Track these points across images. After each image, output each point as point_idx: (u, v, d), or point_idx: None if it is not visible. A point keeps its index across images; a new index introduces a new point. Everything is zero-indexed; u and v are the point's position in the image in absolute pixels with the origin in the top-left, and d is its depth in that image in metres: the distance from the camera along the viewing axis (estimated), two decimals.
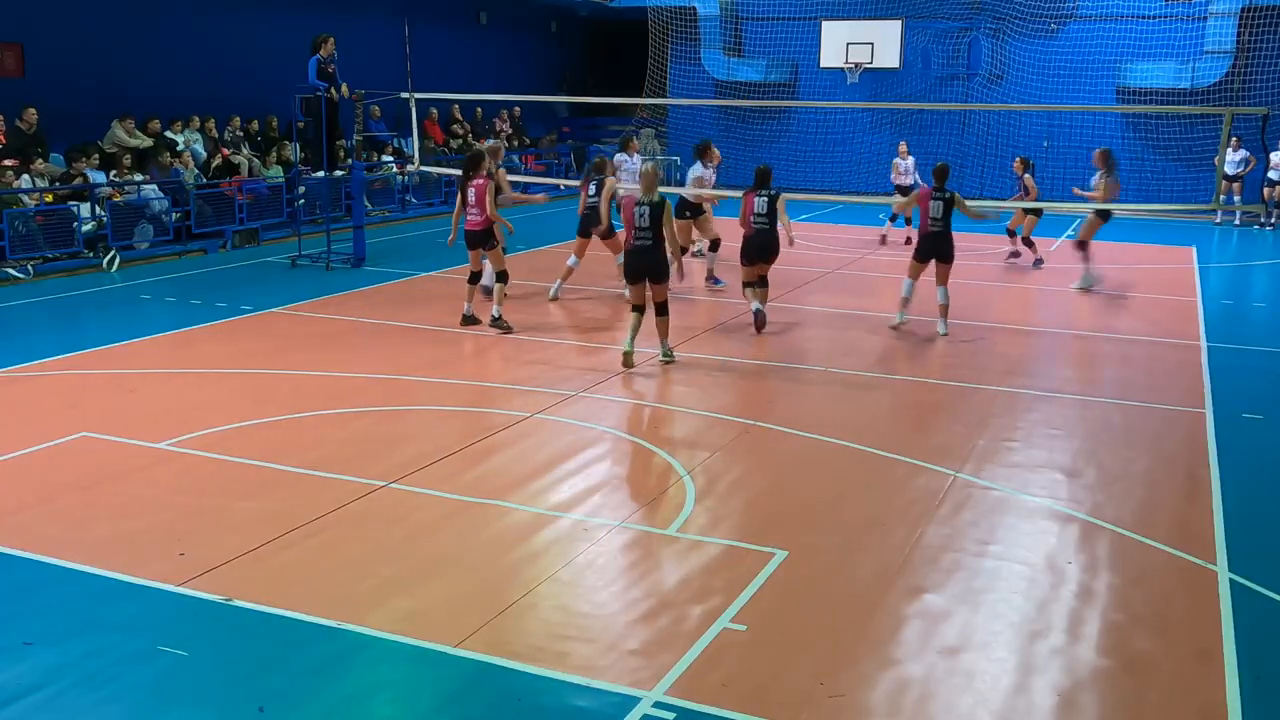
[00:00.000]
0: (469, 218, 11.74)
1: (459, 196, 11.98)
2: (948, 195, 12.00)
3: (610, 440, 8.37)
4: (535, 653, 5.18)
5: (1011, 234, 17.12)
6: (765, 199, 11.88)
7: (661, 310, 10.47)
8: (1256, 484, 7.77)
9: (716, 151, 15.28)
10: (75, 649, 5.15)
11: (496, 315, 11.65)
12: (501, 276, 11.75)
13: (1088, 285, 14.82)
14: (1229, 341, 12.09)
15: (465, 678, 5.00)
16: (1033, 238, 16.76)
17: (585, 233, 13.43)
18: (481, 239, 11.74)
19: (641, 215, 10.24)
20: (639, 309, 10.45)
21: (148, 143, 17.51)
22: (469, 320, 11.87)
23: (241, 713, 4.68)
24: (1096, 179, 15.15)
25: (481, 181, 11.66)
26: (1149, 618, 5.71)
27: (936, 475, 7.72)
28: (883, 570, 6.18)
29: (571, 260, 13.61)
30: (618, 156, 15.80)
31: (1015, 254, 17.28)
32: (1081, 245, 15.03)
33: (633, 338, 10.34)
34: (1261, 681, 5.11)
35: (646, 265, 10.30)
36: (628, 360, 10.25)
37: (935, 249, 12.05)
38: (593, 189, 13.27)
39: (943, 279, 12.13)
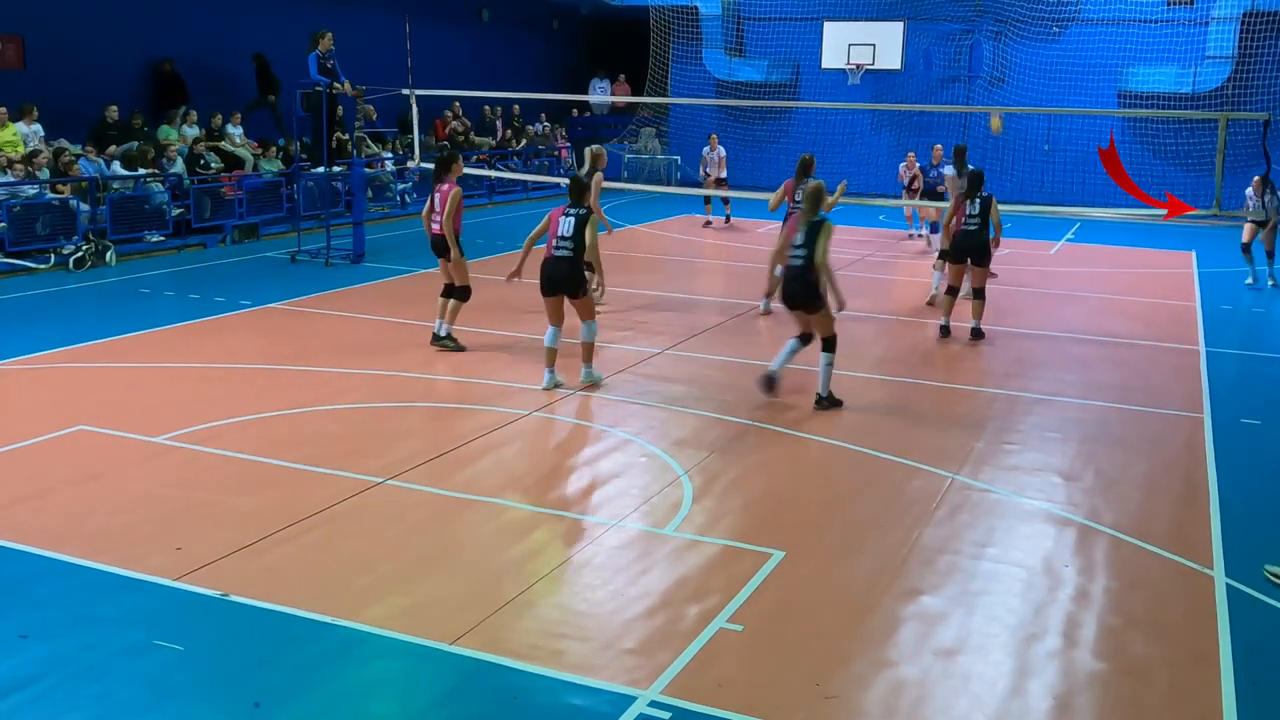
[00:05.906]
0: (432, 225, 10.84)
1: (429, 199, 10.93)
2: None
3: (608, 439, 8.37)
4: (531, 651, 5.18)
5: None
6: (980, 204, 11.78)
7: (828, 345, 9.30)
8: (1254, 489, 7.77)
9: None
10: (71, 642, 5.14)
11: (444, 333, 10.73)
12: (461, 292, 10.77)
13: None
14: (1228, 346, 12.09)
15: (461, 675, 5.00)
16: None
17: None
18: (442, 247, 10.79)
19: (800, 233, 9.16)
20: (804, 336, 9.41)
21: (147, 137, 17.48)
22: (443, 341, 10.79)
23: (237, 707, 4.68)
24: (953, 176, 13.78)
25: (447, 187, 10.73)
26: (1146, 622, 5.71)
27: (934, 477, 7.71)
28: (880, 572, 6.18)
29: None
30: None
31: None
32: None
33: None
34: (1258, 686, 5.11)
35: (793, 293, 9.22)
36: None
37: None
38: None
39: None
